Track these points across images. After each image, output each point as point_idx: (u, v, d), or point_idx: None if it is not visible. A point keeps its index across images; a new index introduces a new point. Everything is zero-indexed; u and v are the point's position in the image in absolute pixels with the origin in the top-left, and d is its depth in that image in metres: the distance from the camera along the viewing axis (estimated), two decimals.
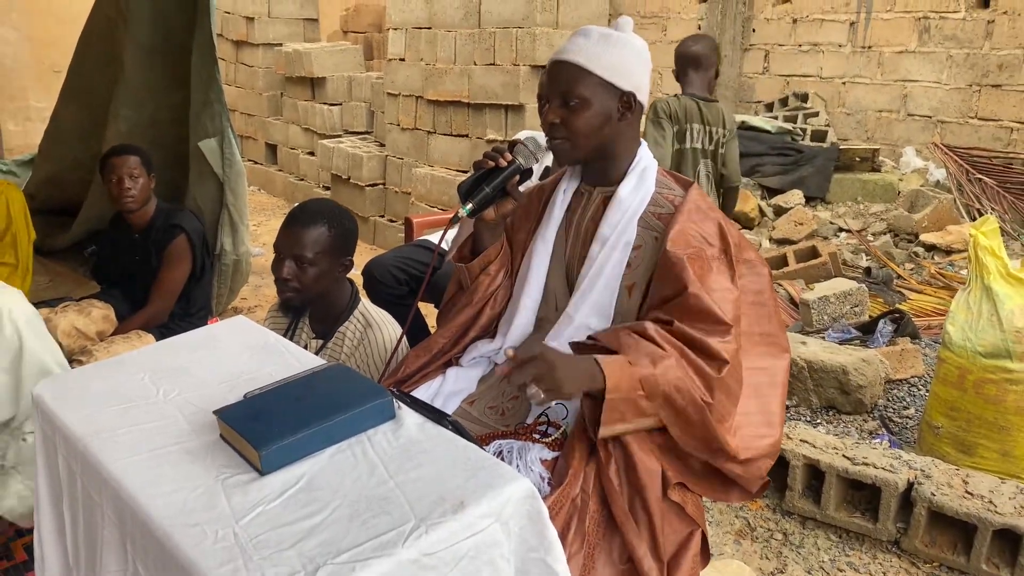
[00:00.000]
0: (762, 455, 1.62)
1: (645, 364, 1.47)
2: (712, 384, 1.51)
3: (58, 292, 3.90)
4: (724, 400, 1.55)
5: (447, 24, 5.92)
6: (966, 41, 6.66)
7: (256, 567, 1.01)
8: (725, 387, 1.54)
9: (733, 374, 1.54)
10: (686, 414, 1.51)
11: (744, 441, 1.59)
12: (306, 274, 2.07)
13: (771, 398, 1.67)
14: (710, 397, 1.51)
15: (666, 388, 1.48)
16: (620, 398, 1.47)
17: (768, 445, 1.63)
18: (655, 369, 1.47)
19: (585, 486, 1.50)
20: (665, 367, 1.48)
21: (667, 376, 1.48)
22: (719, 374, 1.51)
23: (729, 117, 3.67)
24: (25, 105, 7.29)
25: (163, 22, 3.92)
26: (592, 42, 1.65)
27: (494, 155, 1.70)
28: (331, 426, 1.24)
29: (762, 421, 1.64)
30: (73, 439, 1.31)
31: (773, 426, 1.65)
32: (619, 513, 1.49)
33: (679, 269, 1.55)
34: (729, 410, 1.57)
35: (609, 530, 1.50)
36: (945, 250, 5.21)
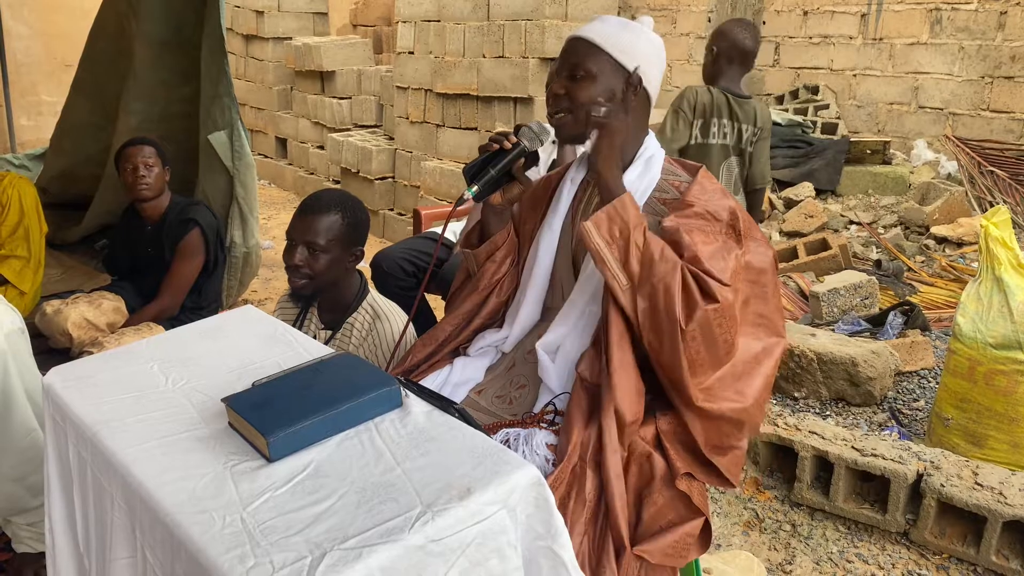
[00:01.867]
0: (722, 415, 1.56)
1: (654, 238, 1.53)
2: (694, 311, 1.49)
3: (69, 285, 3.92)
4: (699, 339, 1.51)
5: (456, 17, 5.92)
6: (978, 33, 6.61)
7: (263, 553, 1.02)
8: (706, 324, 1.50)
9: (718, 319, 1.51)
10: (659, 320, 1.51)
11: (709, 397, 1.55)
12: (318, 261, 2.08)
13: (751, 375, 1.61)
14: (685, 323, 1.49)
15: (656, 280, 1.50)
16: (621, 217, 1.52)
17: (730, 408, 1.57)
18: (656, 254, 1.51)
19: (583, 454, 1.51)
20: (669, 263, 1.50)
21: (664, 269, 1.50)
22: (705, 304, 1.49)
23: (763, 115, 3.49)
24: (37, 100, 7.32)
25: (173, 16, 3.93)
26: (609, 26, 1.69)
27: (499, 138, 1.72)
28: (338, 414, 1.25)
29: (733, 388, 1.58)
30: (83, 427, 1.32)
31: (743, 395, 1.59)
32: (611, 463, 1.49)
33: (676, 237, 1.56)
34: (703, 357, 1.53)
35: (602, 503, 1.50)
36: (956, 243, 5.18)
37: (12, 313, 2.00)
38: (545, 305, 1.83)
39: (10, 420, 1.98)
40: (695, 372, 1.53)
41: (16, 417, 1.98)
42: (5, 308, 1.98)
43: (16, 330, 1.98)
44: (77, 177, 4.75)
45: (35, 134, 7.14)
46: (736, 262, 1.57)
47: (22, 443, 2.00)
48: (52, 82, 7.15)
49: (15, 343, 1.97)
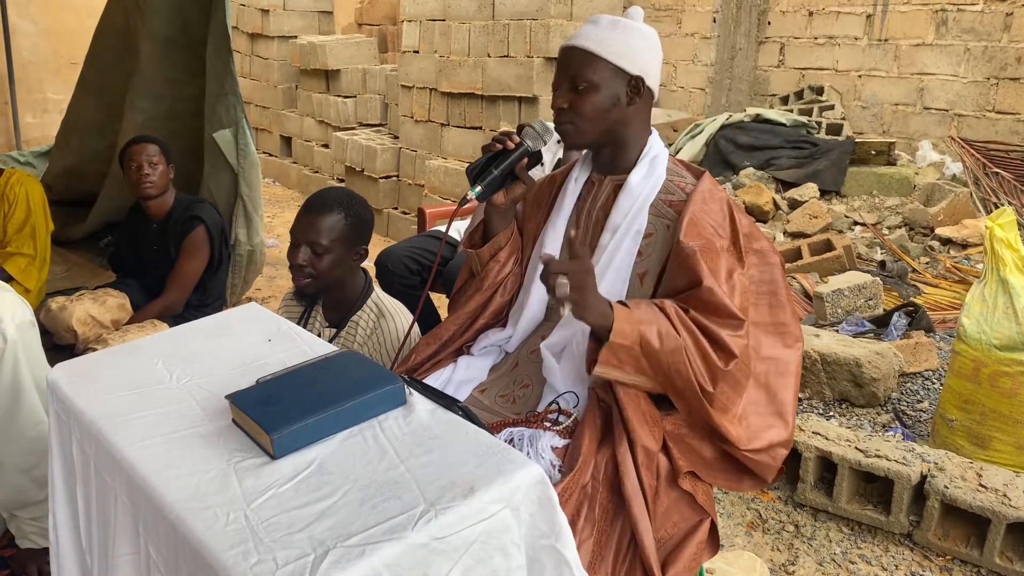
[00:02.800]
0: (773, 444, 1.62)
1: (652, 331, 1.50)
2: (717, 375, 1.53)
3: (74, 282, 3.93)
4: (727, 391, 1.56)
5: (461, 16, 5.92)
6: (984, 34, 6.60)
7: (267, 549, 1.02)
8: (731, 379, 1.55)
9: (740, 367, 1.55)
10: (685, 397, 1.54)
11: (752, 431, 1.59)
12: (321, 261, 2.08)
13: (781, 388, 1.66)
14: (712, 387, 1.52)
15: (666, 367, 1.51)
16: (622, 344, 1.50)
17: (778, 435, 1.63)
18: (660, 344, 1.50)
19: (595, 473, 1.51)
20: (671, 348, 1.50)
21: (670, 357, 1.50)
22: (726, 367, 1.52)
23: None
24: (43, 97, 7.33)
25: (179, 14, 3.94)
26: (601, 28, 1.67)
27: (502, 138, 1.72)
28: (342, 411, 1.25)
29: (771, 411, 1.64)
30: (87, 423, 1.33)
31: (782, 416, 1.65)
32: (629, 487, 1.49)
33: (692, 262, 1.55)
34: (733, 400, 1.57)
35: (618, 516, 1.50)
36: (961, 244, 5.17)
37: (23, 305, 2.01)
38: (549, 304, 1.82)
39: (19, 411, 1.99)
40: (724, 409, 1.57)
41: (25, 408, 1.99)
42: (16, 300, 2.00)
43: (27, 322, 2.00)
44: (82, 175, 4.76)
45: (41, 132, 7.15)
46: (742, 279, 1.59)
47: (30, 433, 2.01)
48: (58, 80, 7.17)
49: (25, 334, 1.98)
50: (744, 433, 1.58)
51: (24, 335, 1.97)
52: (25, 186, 3.56)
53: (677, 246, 1.59)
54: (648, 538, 1.47)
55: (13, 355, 1.95)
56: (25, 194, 3.54)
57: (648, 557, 1.46)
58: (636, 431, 1.52)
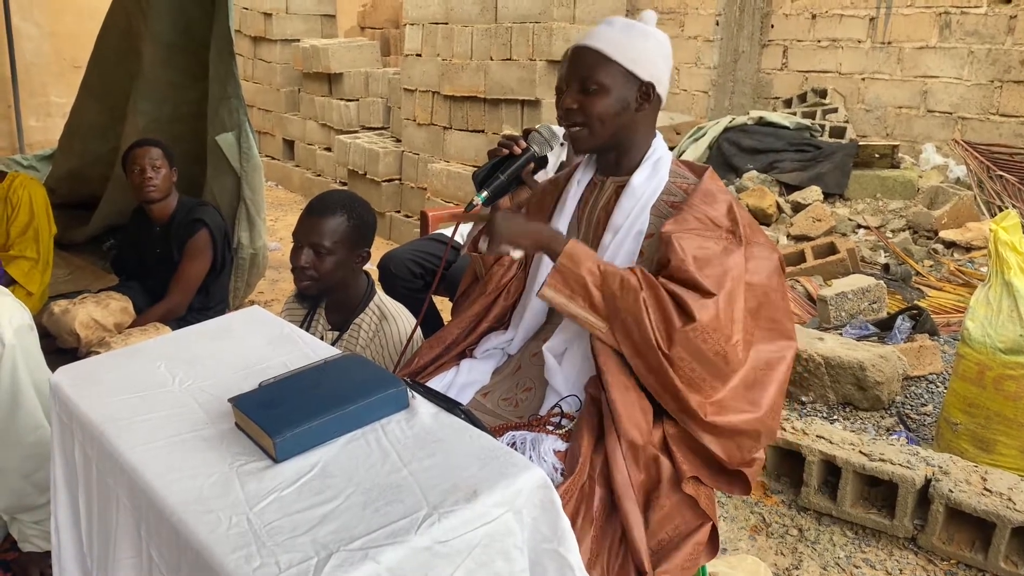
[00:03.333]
0: (738, 429, 1.55)
1: (612, 271, 1.53)
2: (673, 335, 1.49)
3: (77, 285, 3.93)
4: (687, 358, 1.50)
5: (464, 19, 5.92)
6: (988, 36, 6.59)
7: (269, 553, 1.02)
8: (689, 345, 1.49)
9: (703, 337, 1.49)
10: (640, 349, 1.51)
11: (720, 411, 1.54)
12: (323, 263, 2.08)
13: (764, 382, 1.60)
14: (667, 347, 1.49)
15: (623, 314, 1.51)
16: (573, 271, 1.53)
17: (744, 420, 1.55)
18: (618, 286, 1.51)
19: (592, 472, 1.50)
20: (632, 296, 1.50)
21: (628, 304, 1.50)
22: (683, 326, 1.48)
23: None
24: (46, 100, 7.34)
25: (182, 17, 3.94)
26: (615, 31, 1.66)
27: (508, 143, 1.71)
28: (345, 414, 1.25)
29: (745, 398, 1.57)
30: (89, 426, 1.32)
31: (756, 405, 1.57)
32: (619, 481, 1.48)
33: (666, 244, 1.55)
34: (705, 379, 1.52)
35: (613, 513, 1.49)
36: (965, 247, 5.15)
37: (21, 309, 2.01)
38: (551, 307, 1.82)
39: (18, 415, 1.99)
40: (698, 389, 1.52)
41: (24, 412, 1.99)
42: (14, 304, 1.99)
43: (25, 326, 1.99)
44: (85, 178, 4.76)
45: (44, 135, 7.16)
46: (737, 267, 1.56)
47: (29, 438, 2.01)
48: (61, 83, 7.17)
49: (24, 339, 1.98)
50: (710, 409, 1.53)
51: (23, 339, 1.97)
52: (28, 189, 3.57)
53: (660, 233, 1.59)
54: (639, 531, 1.46)
55: (11, 359, 1.95)
56: (28, 197, 3.55)
57: (638, 550, 1.45)
58: (622, 423, 1.51)
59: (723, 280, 1.53)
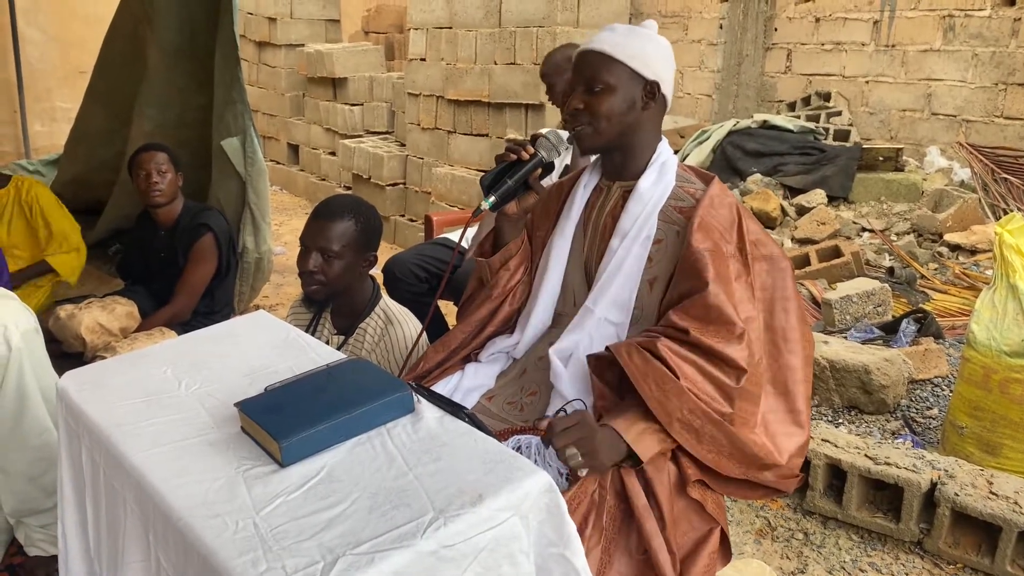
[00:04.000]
0: (794, 454, 1.63)
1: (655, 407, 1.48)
2: (732, 395, 1.51)
3: (82, 289, 3.95)
4: (745, 406, 1.55)
5: (468, 24, 5.93)
6: (992, 39, 6.58)
7: (276, 557, 1.02)
8: (745, 394, 1.54)
9: (752, 379, 1.54)
10: (706, 431, 1.51)
11: (775, 440, 1.59)
12: (331, 267, 2.09)
13: (795, 395, 1.66)
14: (730, 408, 1.51)
15: (679, 415, 1.48)
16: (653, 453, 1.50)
17: (798, 444, 1.63)
18: (666, 401, 1.47)
19: (603, 481, 1.50)
20: (675, 394, 1.48)
21: (677, 403, 1.48)
22: (738, 384, 1.51)
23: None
24: (51, 106, 7.37)
25: (187, 23, 3.96)
26: (618, 34, 1.68)
27: (516, 148, 1.71)
28: (351, 419, 1.25)
29: (790, 420, 1.64)
30: (96, 431, 1.33)
31: (800, 425, 1.65)
32: (639, 505, 1.48)
33: (700, 265, 1.54)
34: (752, 411, 1.56)
35: (625, 524, 1.49)
36: (970, 250, 5.14)
37: (26, 313, 2.02)
38: (556, 311, 1.82)
39: (24, 419, 1.99)
40: (747, 424, 1.56)
41: (30, 416, 2.00)
42: (20, 307, 2.01)
43: (31, 329, 2.00)
44: (91, 183, 4.78)
45: (49, 140, 7.19)
46: (748, 287, 1.59)
47: (35, 441, 2.01)
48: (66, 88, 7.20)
49: (31, 342, 1.99)
50: (770, 443, 1.57)
51: (29, 342, 1.98)
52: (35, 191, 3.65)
53: (687, 249, 1.58)
54: (663, 554, 1.46)
55: (18, 363, 1.95)
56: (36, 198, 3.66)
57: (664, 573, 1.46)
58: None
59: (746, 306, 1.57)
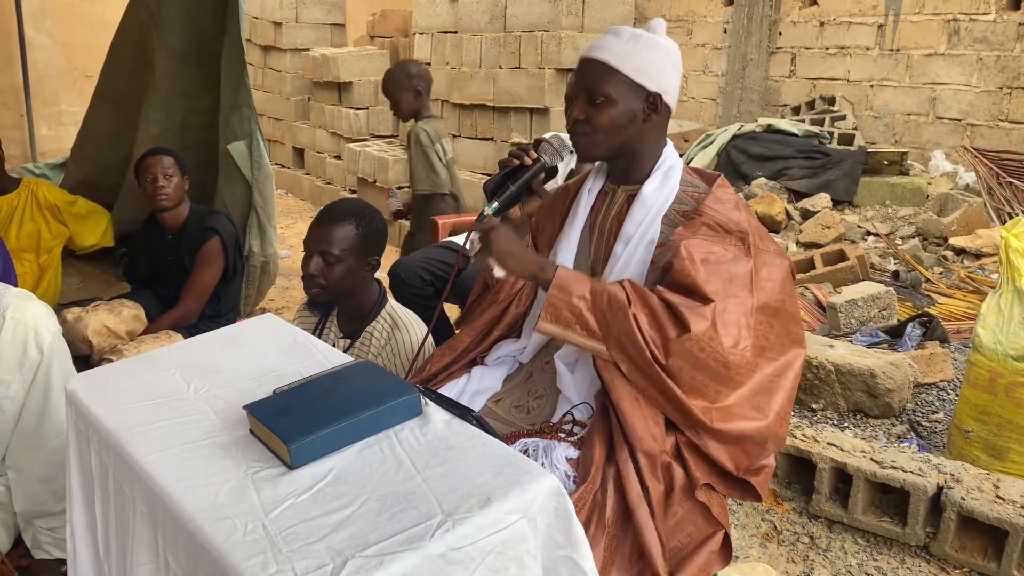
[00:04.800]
0: (744, 435, 1.56)
1: (601, 290, 1.52)
2: (669, 347, 1.49)
3: (89, 293, 3.96)
4: (686, 367, 1.50)
5: (473, 28, 5.95)
6: (996, 43, 6.58)
7: (285, 559, 1.02)
8: (686, 354, 1.49)
9: (699, 345, 1.49)
10: (638, 365, 1.51)
11: (727, 417, 1.54)
12: (332, 271, 2.10)
13: (772, 389, 1.60)
14: (664, 358, 1.50)
15: (616, 333, 1.51)
16: (565, 300, 1.53)
17: (752, 427, 1.56)
18: (607, 304, 1.51)
19: (604, 480, 1.51)
20: (622, 314, 1.50)
21: (620, 323, 1.50)
22: (677, 337, 1.48)
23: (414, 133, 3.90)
24: (58, 110, 7.39)
25: (194, 27, 3.97)
26: (622, 41, 1.65)
27: (519, 153, 1.71)
28: (359, 422, 1.25)
29: (751, 404, 1.57)
30: (105, 433, 1.33)
31: (763, 411, 1.58)
32: (632, 494, 1.48)
33: (673, 250, 1.56)
34: (702, 381, 1.52)
35: (627, 522, 1.50)
36: (975, 254, 5.14)
37: (51, 315, 2.05)
38: None
39: (46, 419, 2.01)
40: (702, 395, 1.53)
41: (52, 417, 2.02)
42: (45, 310, 2.03)
43: (58, 332, 2.04)
44: (97, 186, 4.78)
45: (56, 144, 7.21)
46: (744, 275, 1.57)
47: (53, 443, 2.03)
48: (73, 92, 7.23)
49: (59, 344, 2.02)
50: (716, 415, 1.53)
51: (58, 344, 2.01)
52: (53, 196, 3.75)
53: (670, 240, 1.60)
54: (654, 546, 1.46)
55: (47, 366, 1.98)
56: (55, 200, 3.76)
57: (654, 563, 1.45)
58: (636, 435, 1.51)
59: (729, 286, 1.53)
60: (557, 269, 1.56)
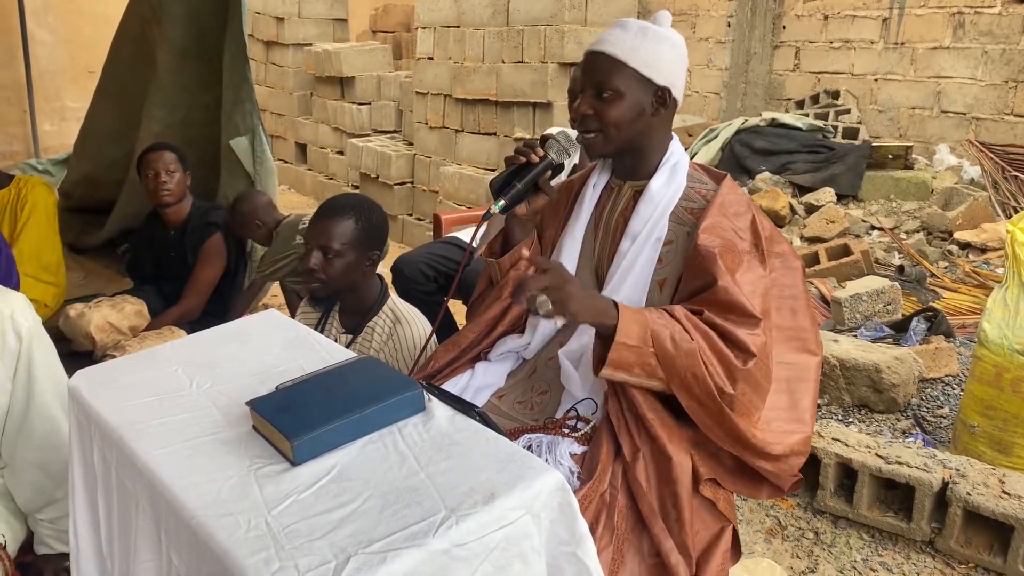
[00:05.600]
0: (792, 451, 1.59)
1: (665, 333, 1.47)
2: (735, 375, 1.48)
3: (91, 289, 3.96)
4: (749, 392, 1.51)
5: (475, 23, 5.93)
6: (1002, 37, 6.55)
7: (288, 556, 1.02)
8: (751, 379, 1.50)
9: (760, 367, 1.51)
10: (703, 403, 1.49)
11: (774, 436, 1.57)
12: (332, 265, 2.10)
13: (801, 393, 1.63)
14: (732, 388, 1.48)
15: (682, 372, 1.47)
16: (628, 344, 1.47)
17: (798, 441, 1.60)
18: (673, 348, 1.46)
19: (614, 481, 1.50)
20: (685, 350, 1.46)
21: (685, 360, 1.47)
22: (744, 365, 1.48)
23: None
24: (60, 105, 7.39)
25: (196, 23, 3.96)
26: (630, 35, 1.63)
27: (526, 151, 1.70)
28: (362, 417, 1.25)
29: (791, 417, 1.60)
30: (108, 429, 1.33)
31: (803, 422, 1.61)
32: (646, 509, 1.48)
33: (709, 262, 1.53)
34: (756, 404, 1.54)
35: (638, 525, 1.49)
36: (980, 248, 5.12)
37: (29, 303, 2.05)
38: None
39: (32, 406, 2.01)
40: (747, 414, 1.53)
41: (38, 402, 2.01)
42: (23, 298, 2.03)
43: (36, 319, 2.03)
44: (100, 182, 4.79)
45: (58, 139, 7.21)
46: (766, 284, 1.57)
47: (41, 428, 2.03)
48: (76, 88, 7.22)
49: (38, 329, 2.02)
50: (769, 438, 1.55)
51: (37, 329, 2.01)
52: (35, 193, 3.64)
53: (695, 248, 1.56)
54: (674, 556, 1.45)
55: (28, 350, 1.98)
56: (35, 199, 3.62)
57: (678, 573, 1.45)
58: (660, 439, 1.51)
59: (763, 300, 1.54)
60: (619, 311, 1.48)
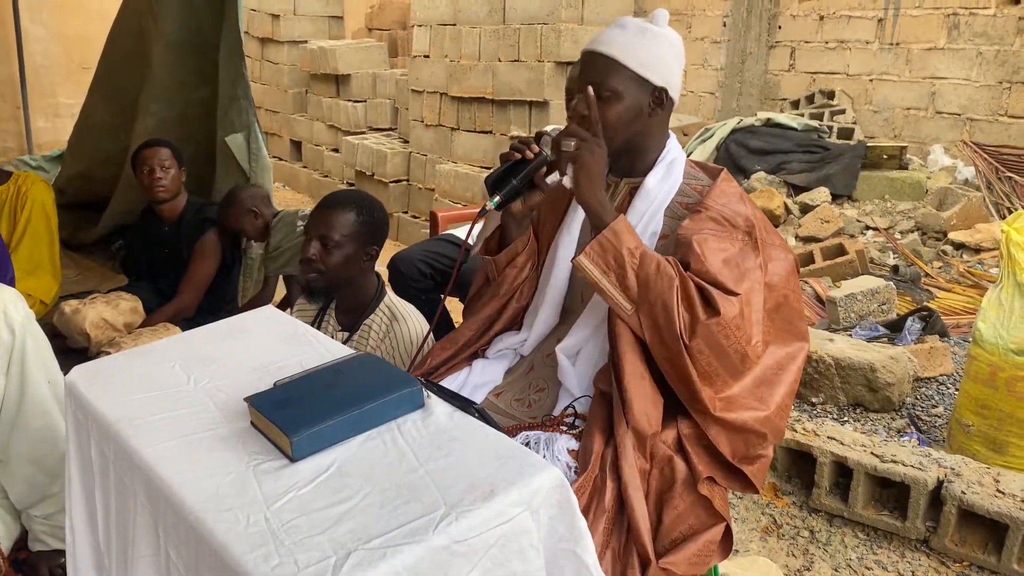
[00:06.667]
0: (746, 426, 1.55)
1: (651, 256, 1.51)
2: (696, 327, 1.47)
3: (86, 285, 3.93)
4: (706, 352, 1.49)
5: (472, 21, 5.93)
6: (996, 38, 6.57)
7: (287, 552, 1.02)
8: (711, 338, 1.48)
9: (724, 332, 1.48)
10: (663, 337, 1.50)
11: (729, 406, 1.54)
12: (330, 256, 2.10)
13: (774, 382, 1.59)
14: (688, 338, 1.48)
15: (653, 299, 1.49)
16: (614, 246, 1.51)
17: (753, 418, 1.55)
18: (656, 270, 1.49)
19: (603, 466, 1.50)
20: (666, 277, 1.48)
21: (660, 285, 1.48)
22: (706, 319, 1.47)
23: None
24: (55, 102, 7.35)
25: (191, 19, 3.95)
26: (628, 34, 1.63)
27: (521, 147, 1.70)
28: (361, 414, 1.24)
29: (754, 395, 1.57)
30: (105, 425, 1.32)
31: (765, 403, 1.57)
32: (627, 470, 1.48)
33: (688, 244, 1.54)
34: (715, 369, 1.51)
35: (623, 505, 1.49)
36: (974, 248, 5.14)
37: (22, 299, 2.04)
38: (564, 308, 1.82)
39: (25, 400, 2.00)
40: (711, 383, 1.52)
41: (32, 397, 2.01)
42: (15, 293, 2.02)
43: (28, 313, 2.03)
44: (94, 178, 4.77)
45: (52, 136, 7.17)
46: (755, 269, 1.56)
47: (35, 423, 2.02)
48: (70, 84, 7.18)
49: (31, 324, 2.01)
50: (719, 404, 1.53)
51: (30, 324, 2.01)
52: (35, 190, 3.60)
53: (677, 235, 1.58)
54: (643, 521, 1.46)
55: (22, 345, 1.97)
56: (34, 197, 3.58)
57: (640, 537, 1.45)
58: (632, 412, 1.51)
59: (741, 282, 1.53)
60: (619, 215, 1.54)
